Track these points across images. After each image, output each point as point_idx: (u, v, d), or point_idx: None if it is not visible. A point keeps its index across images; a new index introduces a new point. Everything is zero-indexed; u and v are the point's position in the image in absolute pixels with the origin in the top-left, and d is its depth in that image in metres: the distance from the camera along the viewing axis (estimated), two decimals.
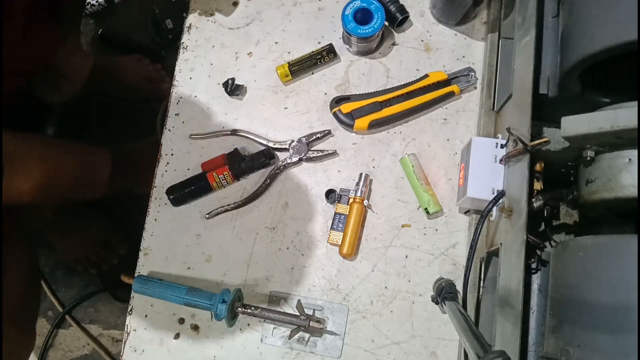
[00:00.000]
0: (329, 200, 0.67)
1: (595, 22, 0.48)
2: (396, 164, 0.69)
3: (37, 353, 1.17)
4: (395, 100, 0.69)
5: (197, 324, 0.65)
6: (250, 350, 0.64)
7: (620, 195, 0.47)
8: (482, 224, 0.55)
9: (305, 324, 0.60)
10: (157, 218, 0.69)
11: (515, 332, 0.47)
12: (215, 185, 0.68)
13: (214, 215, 0.68)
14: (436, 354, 0.62)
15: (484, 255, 0.61)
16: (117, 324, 1.17)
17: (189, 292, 0.62)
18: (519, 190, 0.52)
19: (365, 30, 0.67)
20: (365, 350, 0.63)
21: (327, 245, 0.66)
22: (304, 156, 0.68)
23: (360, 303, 0.64)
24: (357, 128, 0.68)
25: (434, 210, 0.65)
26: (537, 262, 0.54)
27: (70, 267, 1.15)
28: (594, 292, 0.43)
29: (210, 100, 0.73)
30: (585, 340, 0.42)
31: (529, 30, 0.58)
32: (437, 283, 0.62)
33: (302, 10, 0.75)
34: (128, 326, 0.66)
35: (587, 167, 0.50)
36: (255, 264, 0.67)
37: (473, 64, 0.71)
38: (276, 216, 0.68)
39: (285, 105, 0.72)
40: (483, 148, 0.59)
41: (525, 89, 0.54)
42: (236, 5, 0.76)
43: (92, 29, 1.29)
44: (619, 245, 0.43)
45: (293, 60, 0.71)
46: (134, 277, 0.65)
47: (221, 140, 0.71)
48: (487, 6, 0.73)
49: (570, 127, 0.47)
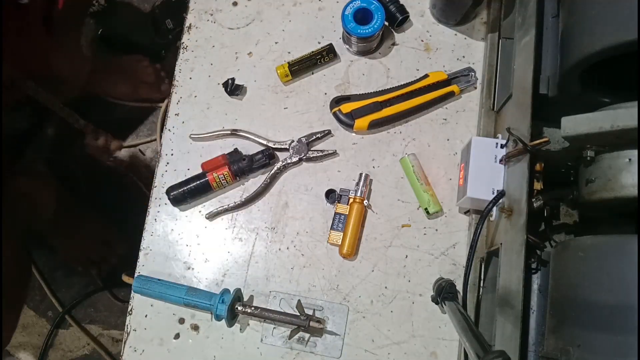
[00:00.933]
0: (329, 200, 0.67)
1: (595, 22, 0.48)
2: (396, 164, 0.69)
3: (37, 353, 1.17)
4: (395, 100, 0.69)
5: (197, 324, 0.65)
6: (250, 350, 0.64)
7: (620, 195, 0.47)
8: (482, 224, 0.55)
9: (305, 324, 0.60)
10: (157, 218, 0.69)
11: (515, 332, 0.47)
12: (215, 185, 0.68)
13: (214, 215, 0.68)
14: (436, 354, 0.62)
15: (484, 255, 0.61)
16: (117, 324, 1.17)
17: (189, 292, 0.62)
18: (519, 190, 0.52)
19: (365, 30, 0.67)
20: (365, 350, 0.63)
21: (327, 245, 0.66)
22: (304, 156, 0.68)
23: (360, 303, 0.64)
24: (357, 128, 0.68)
25: (434, 210, 0.65)
26: (537, 262, 0.54)
27: (70, 267, 1.15)
28: (594, 292, 0.43)
29: (210, 100, 0.73)
30: (585, 340, 0.42)
31: (529, 30, 0.58)
32: (437, 283, 0.63)
33: (302, 10, 0.75)
34: (128, 326, 0.66)
35: (587, 167, 0.50)
36: (255, 264, 0.67)
37: (473, 64, 0.71)
38: (276, 216, 0.68)
39: (285, 105, 0.72)
40: (483, 148, 0.59)
41: (525, 89, 0.54)
42: (236, 5, 0.76)
43: (92, 29, 1.29)
44: (619, 245, 0.43)
45: (293, 60, 0.71)
46: (134, 277, 0.65)
47: (221, 140, 0.71)
48: (487, 6, 0.73)
49: (570, 127, 0.47)
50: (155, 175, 0.70)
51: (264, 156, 0.68)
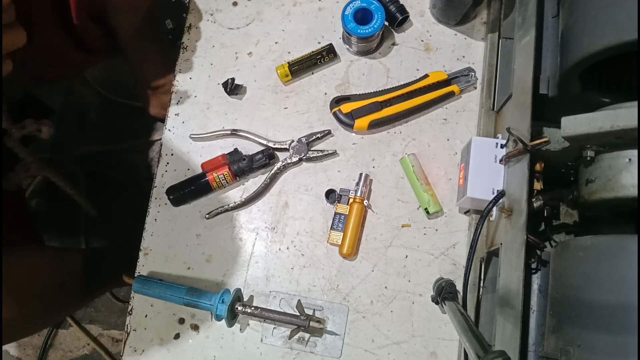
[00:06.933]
0: (329, 200, 0.67)
1: (595, 22, 0.48)
2: (396, 164, 0.69)
3: (37, 353, 1.17)
4: (395, 100, 0.69)
5: (197, 324, 0.65)
6: (250, 350, 0.64)
7: (620, 195, 0.47)
8: (482, 224, 0.55)
9: (305, 324, 0.60)
10: (157, 218, 0.69)
11: (515, 332, 0.47)
12: (215, 185, 0.68)
13: (214, 215, 0.68)
14: (436, 354, 0.62)
15: (484, 255, 0.61)
16: (117, 324, 1.17)
17: (189, 292, 0.62)
18: (519, 190, 0.52)
19: (365, 30, 0.67)
20: (365, 350, 0.63)
21: (327, 245, 0.66)
22: (304, 156, 0.68)
23: (360, 303, 0.64)
24: (357, 128, 0.68)
25: (434, 210, 0.65)
26: (537, 262, 0.54)
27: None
28: (594, 292, 0.43)
29: (210, 100, 0.73)
30: (585, 340, 0.42)
31: (529, 30, 0.58)
32: (437, 283, 0.63)
33: (302, 10, 0.75)
34: (128, 326, 0.66)
35: (587, 167, 0.50)
36: (255, 264, 0.67)
37: (473, 64, 0.71)
38: (276, 216, 0.68)
39: (285, 105, 0.72)
40: (483, 148, 0.59)
41: (525, 89, 0.54)
42: (236, 5, 0.76)
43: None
44: (619, 245, 0.43)
45: (293, 60, 0.71)
46: (134, 277, 0.65)
47: (221, 140, 0.71)
48: (487, 6, 0.73)
49: (570, 127, 0.47)
50: (155, 175, 0.71)
51: (264, 156, 0.68)
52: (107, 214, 1.17)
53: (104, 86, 1.23)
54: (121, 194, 1.20)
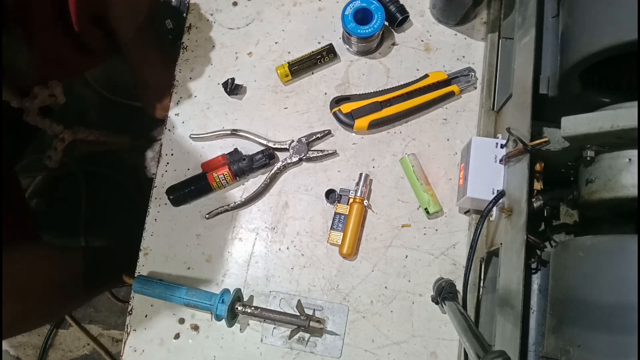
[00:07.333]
0: (329, 200, 0.67)
1: (595, 22, 0.48)
2: (396, 164, 0.69)
3: (37, 353, 1.17)
4: (395, 100, 0.69)
5: (197, 324, 0.65)
6: (250, 350, 0.64)
7: (620, 195, 0.47)
8: (482, 224, 0.55)
9: (305, 324, 0.60)
10: (157, 218, 0.69)
11: (515, 332, 0.47)
12: (215, 185, 0.68)
13: (214, 215, 0.68)
14: (436, 354, 0.62)
15: (484, 255, 0.61)
16: (117, 324, 1.17)
17: (189, 292, 0.62)
18: (519, 190, 0.52)
19: (365, 30, 0.67)
20: (365, 350, 0.63)
21: (327, 245, 0.66)
22: (304, 156, 0.68)
23: (360, 303, 0.64)
24: (357, 128, 0.68)
25: (434, 210, 0.65)
26: (537, 262, 0.54)
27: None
28: (594, 292, 0.43)
29: (210, 100, 0.73)
30: (585, 340, 0.42)
31: (529, 30, 0.58)
32: (437, 283, 0.63)
33: (302, 10, 0.75)
34: (128, 326, 0.66)
35: (587, 167, 0.50)
36: (255, 264, 0.67)
37: (473, 64, 0.71)
38: (276, 216, 0.68)
39: (285, 105, 0.72)
40: (483, 148, 0.59)
41: (525, 89, 0.54)
42: (236, 5, 0.76)
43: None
44: (619, 245, 0.43)
45: (293, 60, 0.71)
46: (134, 277, 0.65)
47: (221, 140, 0.71)
48: (487, 6, 0.73)
49: (570, 127, 0.47)
50: (155, 175, 0.71)
51: (264, 156, 0.68)
52: (107, 214, 1.17)
53: (104, 86, 1.23)
54: (121, 194, 1.20)
